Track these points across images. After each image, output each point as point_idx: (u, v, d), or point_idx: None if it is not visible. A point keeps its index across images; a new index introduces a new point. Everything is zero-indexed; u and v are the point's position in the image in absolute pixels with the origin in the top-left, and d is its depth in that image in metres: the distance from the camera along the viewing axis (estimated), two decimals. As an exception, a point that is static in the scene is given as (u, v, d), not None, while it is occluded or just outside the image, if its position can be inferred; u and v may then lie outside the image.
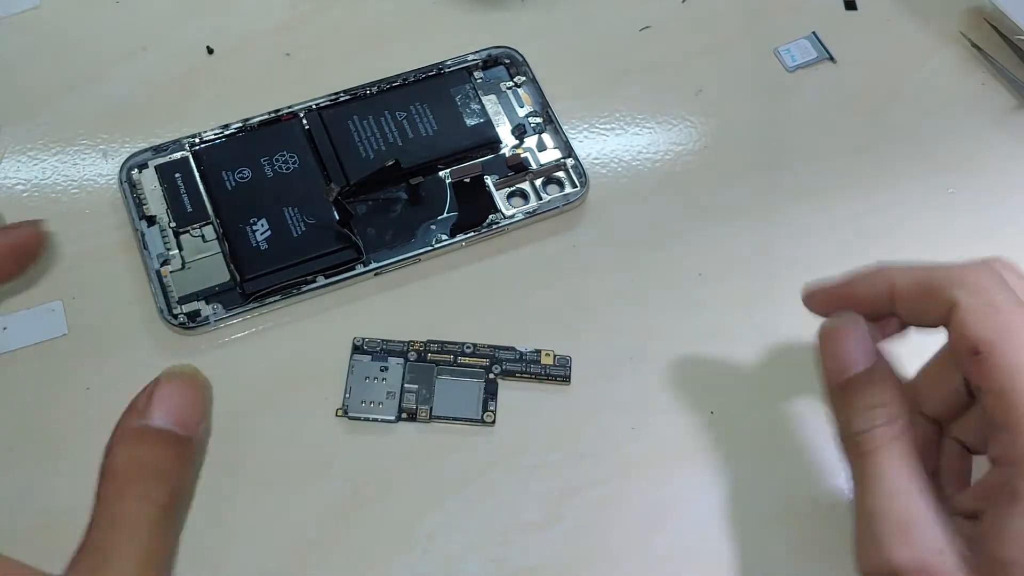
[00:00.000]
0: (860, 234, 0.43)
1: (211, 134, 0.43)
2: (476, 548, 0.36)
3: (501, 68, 0.46)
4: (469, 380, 0.39)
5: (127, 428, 0.28)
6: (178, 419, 0.28)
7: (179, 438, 0.28)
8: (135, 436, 0.27)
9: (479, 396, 0.38)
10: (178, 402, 0.28)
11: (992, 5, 0.48)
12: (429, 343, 0.39)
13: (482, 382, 0.39)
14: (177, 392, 0.28)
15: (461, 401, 0.38)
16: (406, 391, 0.38)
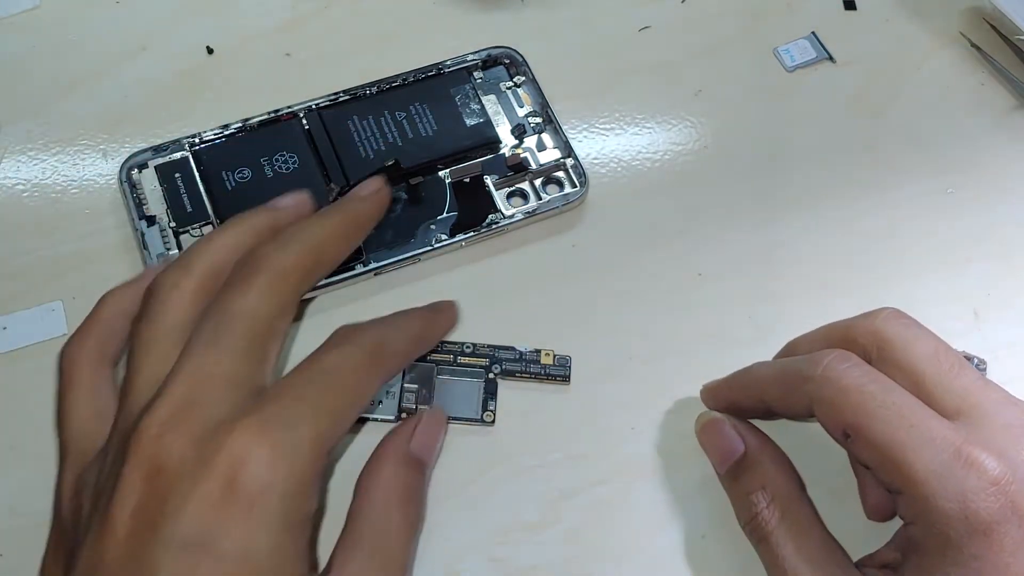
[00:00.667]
0: (859, 234, 0.43)
1: (211, 134, 0.43)
2: (476, 548, 0.36)
3: (501, 68, 0.46)
4: (469, 380, 0.39)
5: (396, 448, 0.33)
6: (427, 450, 0.34)
7: (425, 464, 0.34)
8: (401, 458, 0.33)
9: (479, 396, 0.38)
10: (431, 438, 0.35)
11: (991, 5, 0.48)
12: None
13: (482, 382, 0.39)
14: (433, 426, 0.35)
15: (461, 401, 0.38)
16: (406, 390, 0.38)
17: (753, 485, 0.33)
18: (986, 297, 0.42)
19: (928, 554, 0.29)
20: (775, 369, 0.34)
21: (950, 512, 0.28)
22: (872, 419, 0.30)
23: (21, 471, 0.37)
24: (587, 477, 0.37)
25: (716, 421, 0.35)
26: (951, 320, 0.41)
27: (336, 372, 0.30)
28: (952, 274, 0.43)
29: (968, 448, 0.29)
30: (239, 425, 0.27)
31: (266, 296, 0.30)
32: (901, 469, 0.29)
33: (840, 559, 0.31)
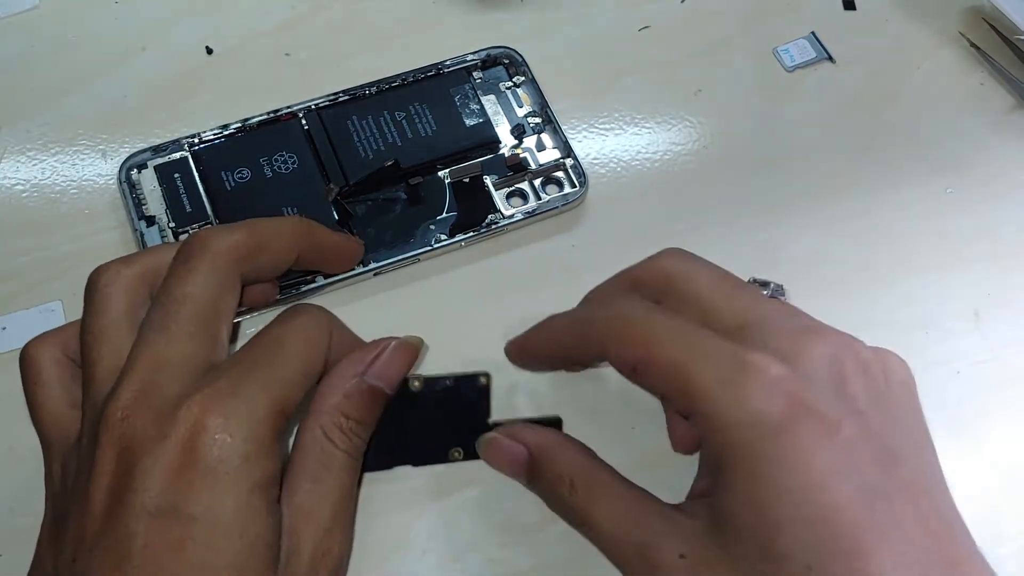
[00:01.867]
0: (859, 234, 0.43)
1: (210, 134, 0.43)
2: (475, 548, 0.36)
3: (500, 68, 0.46)
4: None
5: (344, 376, 0.33)
6: (389, 379, 0.33)
7: (383, 394, 0.33)
8: (350, 389, 0.32)
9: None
10: (397, 367, 0.34)
11: (991, 5, 0.48)
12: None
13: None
14: (400, 358, 0.34)
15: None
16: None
17: (551, 477, 0.33)
18: (986, 297, 0.42)
19: (729, 469, 0.28)
20: (568, 318, 0.34)
21: (738, 419, 0.28)
22: (656, 347, 0.30)
23: (21, 471, 0.37)
24: (587, 477, 0.37)
25: (490, 440, 0.34)
26: (951, 320, 0.41)
27: (283, 340, 0.31)
28: (952, 274, 0.43)
29: (745, 354, 0.28)
30: (193, 399, 0.29)
31: (207, 278, 0.31)
32: (687, 388, 0.29)
33: (654, 506, 0.31)
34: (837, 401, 0.29)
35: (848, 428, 0.28)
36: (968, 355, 0.41)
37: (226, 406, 0.29)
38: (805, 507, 0.27)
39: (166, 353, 0.30)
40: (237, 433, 0.28)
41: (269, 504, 0.29)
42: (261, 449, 0.29)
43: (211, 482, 0.28)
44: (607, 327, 0.32)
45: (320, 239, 0.37)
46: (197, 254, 0.32)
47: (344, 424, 0.32)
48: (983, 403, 0.40)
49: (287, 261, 0.35)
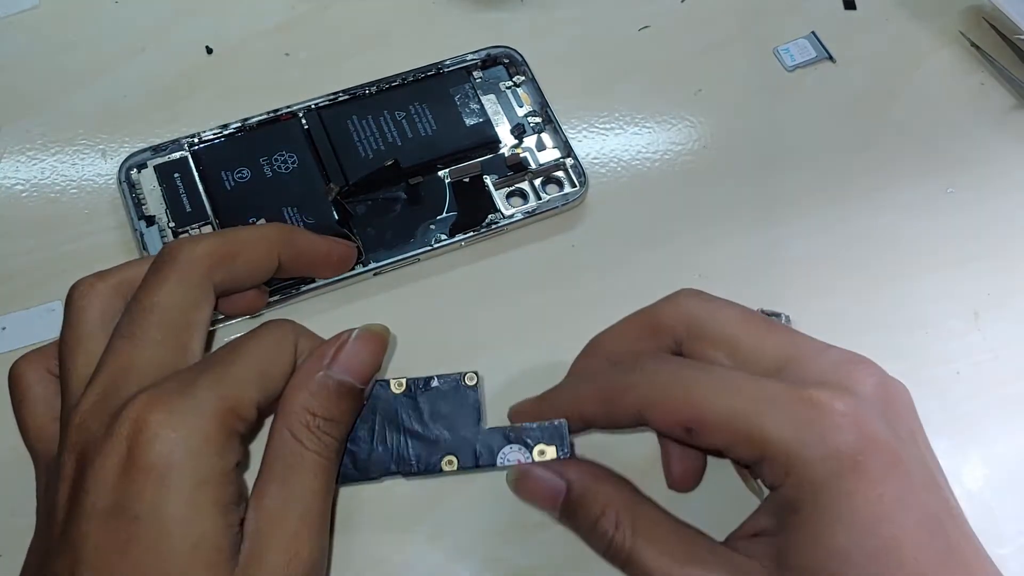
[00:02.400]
0: (859, 234, 0.43)
1: (210, 134, 0.43)
2: (476, 548, 0.36)
3: (500, 68, 0.46)
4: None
5: (308, 373, 0.31)
6: (357, 372, 0.32)
7: (353, 389, 0.32)
8: (314, 386, 0.31)
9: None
10: (363, 358, 0.32)
11: (991, 5, 0.48)
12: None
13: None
14: (364, 348, 0.32)
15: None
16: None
17: (593, 513, 0.31)
18: (986, 297, 0.42)
19: (804, 507, 0.28)
20: (591, 388, 0.33)
21: (814, 458, 0.28)
22: (707, 404, 0.30)
23: (21, 471, 0.37)
24: (587, 477, 0.37)
25: (525, 473, 0.33)
26: (951, 320, 0.41)
27: (239, 344, 0.31)
28: (952, 274, 0.43)
29: (808, 393, 0.29)
30: (139, 397, 0.28)
31: (176, 287, 0.31)
32: (754, 437, 0.29)
33: (704, 543, 0.31)
34: (890, 429, 0.29)
35: (906, 457, 0.29)
36: (968, 355, 0.41)
37: (170, 403, 0.28)
38: (872, 538, 0.27)
39: (130, 359, 0.30)
40: (180, 429, 0.28)
41: (218, 503, 0.28)
42: (208, 446, 0.28)
43: (154, 479, 0.27)
44: (646, 393, 0.31)
45: (302, 246, 0.36)
46: (168, 263, 0.31)
47: (311, 422, 0.31)
48: (983, 403, 0.40)
49: (266, 269, 0.35)
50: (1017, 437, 0.39)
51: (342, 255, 0.39)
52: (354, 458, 0.33)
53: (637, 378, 0.31)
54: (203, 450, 0.28)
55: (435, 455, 0.33)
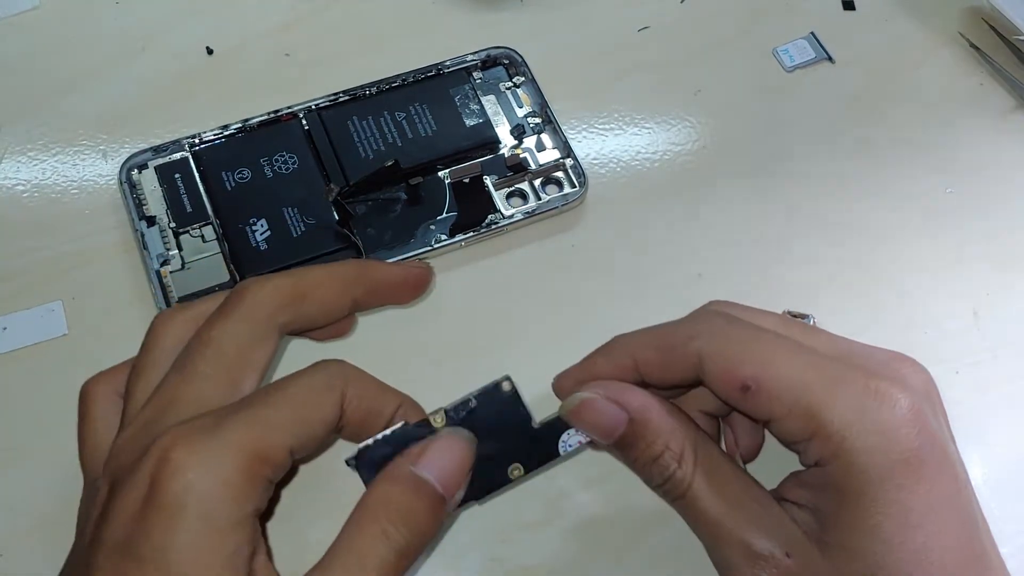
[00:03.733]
0: (859, 234, 0.43)
1: (211, 135, 0.43)
2: (476, 547, 0.36)
3: (500, 68, 0.46)
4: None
5: (394, 470, 0.29)
6: (441, 477, 0.29)
7: (436, 493, 0.29)
8: (396, 478, 0.29)
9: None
10: (447, 462, 0.30)
11: (990, 5, 0.48)
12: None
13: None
14: (449, 451, 0.30)
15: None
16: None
17: (655, 448, 0.30)
18: (986, 297, 0.42)
19: (851, 492, 0.28)
20: (649, 333, 0.32)
21: (871, 447, 0.28)
22: (773, 368, 0.29)
23: (21, 471, 0.37)
24: (587, 476, 0.37)
25: (587, 401, 0.31)
26: (951, 320, 0.41)
27: (281, 386, 0.29)
28: (952, 274, 0.43)
29: (876, 383, 0.29)
30: (167, 433, 0.27)
31: (236, 325, 0.30)
32: (812, 412, 0.29)
33: (758, 494, 0.31)
34: (940, 428, 0.29)
35: (952, 457, 0.29)
36: (967, 355, 0.41)
37: (193, 441, 0.27)
38: (918, 534, 0.28)
39: (177, 392, 0.29)
40: (197, 469, 0.26)
41: (224, 552, 0.27)
42: (224, 490, 0.27)
43: (164, 520, 0.26)
44: (708, 342, 0.30)
45: (378, 281, 0.34)
46: (234, 301, 0.31)
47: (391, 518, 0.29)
48: (982, 402, 0.40)
49: (339, 307, 0.33)
50: (1016, 437, 0.39)
51: (418, 279, 0.36)
52: None
53: (702, 327, 0.31)
54: (219, 494, 0.27)
55: (500, 469, 0.32)
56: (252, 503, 0.27)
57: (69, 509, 0.36)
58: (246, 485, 0.27)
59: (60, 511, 0.36)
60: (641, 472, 0.31)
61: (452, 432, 0.30)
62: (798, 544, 0.29)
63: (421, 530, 0.28)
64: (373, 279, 0.34)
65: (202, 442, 0.27)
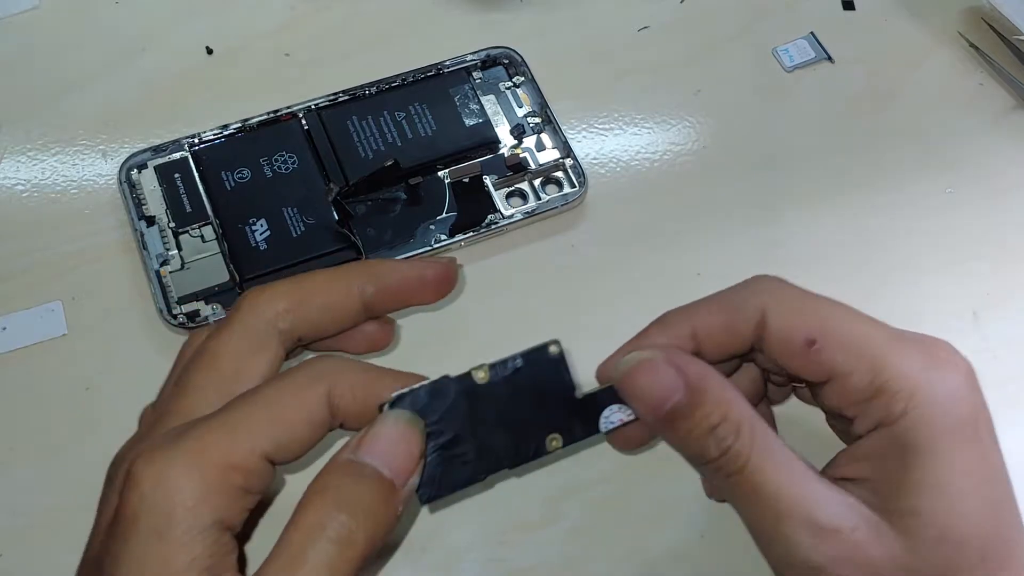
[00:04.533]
0: (858, 234, 0.43)
1: (210, 134, 0.43)
2: (476, 547, 0.36)
3: (500, 68, 0.46)
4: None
5: (333, 459, 0.27)
6: (385, 459, 0.27)
7: (380, 476, 0.27)
8: (333, 467, 0.27)
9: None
10: (389, 445, 0.28)
11: (990, 5, 0.48)
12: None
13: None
14: (391, 433, 0.28)
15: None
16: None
17: (713, 418, 0.29)
18: (986, 297, 0.42)
19: (919, 449, 0.28)
20: (706, 299, 0.32)
21: (941, 402, 0.28)
22: (839, 321, 0.29)
23: (21, 471, 0.37)
24: (587, 476, 0.38)
25: (646, 362, 0.30)
26: (951, 320, 0.41)
27: (260, 389, 0.28)
28: (952, 274, 0.43)
29: (934, 349, 0.29)
30: (140, 447, 0.27)
31: (231, 335, 0.30)
32: (879, 364, 0.29)
33: (813, 471, 0.30)
34: (986, 404, 0.30)
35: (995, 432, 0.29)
36: (967, 355, 0.41)
37: (153, 454, 0.26)
38: (986, 495, 0.28)
39: (170, 405, 0.29)
40: (152, 482, 0.26)
41: (181, 568, 0.25)
42: (180, 502, 0.26)
43: (121, 534, 0.26)
44: (771, 299, 0.30)
45: (389, 278, 0.32)
46: (233, 311, 0.30)
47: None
48: (982, 403, 0.40)
49: (348, 311, 0.32)
50: (1016, 437, 0.39)
51: (440, 275, 0.33)
52: (457, 463, 0.29)
53: (763, 286, 0.31)
54: (171, 505, 0.25)
55: (538, 438, 0.30)
56: (214, 513, 0.26)
57: (69, 509, 0.36)
58: (207, 495, 0.26)
59: (60, 511, 0.36)
60: (693, 446, 0.29)
61: (394, 415, 0.28)
62: (862, 517, 0.28)
63: (368, 516, 0.26)
64: (382, 278, 0.32)
65: (161, 453, 0.26)
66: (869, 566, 0.27)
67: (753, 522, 0.29)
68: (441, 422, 0.29)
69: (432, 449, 0.29)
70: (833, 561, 0.28)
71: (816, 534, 0.28)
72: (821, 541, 0.28)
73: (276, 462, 0.27)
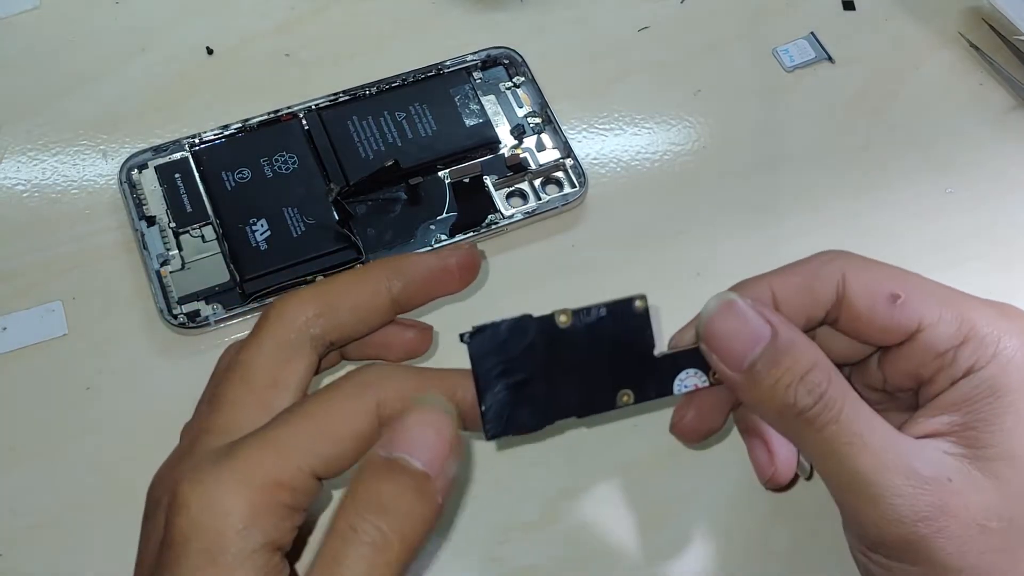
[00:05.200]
0: (859, 234, 0.43)
1: (211, 134, 0.43)
2: (475, 547, 0.36)
3: (500, 68, 0.46)
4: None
5: (368, 458, 0.27)
6: (417, 452, 0.26)
7: (415, 471, 0.26)
8: (363, 467, 0.26)
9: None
10: (420, 436, 0.27)
11: (990, 5, 0.48)
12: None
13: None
14: (421, 422, 0.27)
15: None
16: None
17: (803, 363, 0.28)
18: (984, 296, 0.42)
19: (1011, 390, 0.29)
20: (783, 267, 0.32)
21: (1022, 348, 0.29)
22: (916, 279, 0.31)
23: (21, 471, 0.37)
24: (587, 476, 0.37)
25: (731, 304, 0.29)
26: (950, 320, 0.41)
27: (305, 403, 0.28)
28: (952, 274, 0.42)
29: (1003, 304, 0.31)
30: (182, 468, 0.27)
31: (262, 345, 0.29)
32: (965, 314, 0.30)
33: (896, 430, 0.29)
34: None
35: None
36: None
37: (199, 476, 0.26)
38: None
39: (207, 422, 0.28)
40: (200, 504, 0.25)
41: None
42: (229, 524, 0.25)
43: (173, 558, 0.25)
44: (849, 262, 0.31)
45: (413, 272, 0.32)
46: (261, 321, 0.30)
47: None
48: (982, 403, 0.40)
49: (375, 309, 0.31)
50: (1016, 437, 0.39)
51: (464, 262, 0.32)
52: (526, 403, 0.29)
53: (837, 255, 0.31)
54: (221, 527, 0.25)
55: (610, 390, 0.29)
56: (264, 535, 0.25)
57: (69, 509, 0.36)
58: (256, 517, 0.25)
59: (60, 511, 0.36)
60: (782, 396, 0.28)
61: (424, 403, 0.27)
62: (954, 468, 0.28)
63: (402, 515, 0.25)
64: (406, 272, 0.31)
65: (207, 474, 0.26)
66: (967, 515, 0.27)
67: (848, 477, 0.28)
68: (517, 360, 0.29)
69: (504, 387, 0.28)
70: (936, 510, 0.27)
71: (918, 484, 0.27)
72: (923, 491, 0.27)
73: (323, 477, 0.27)
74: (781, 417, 0.29)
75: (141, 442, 0.31)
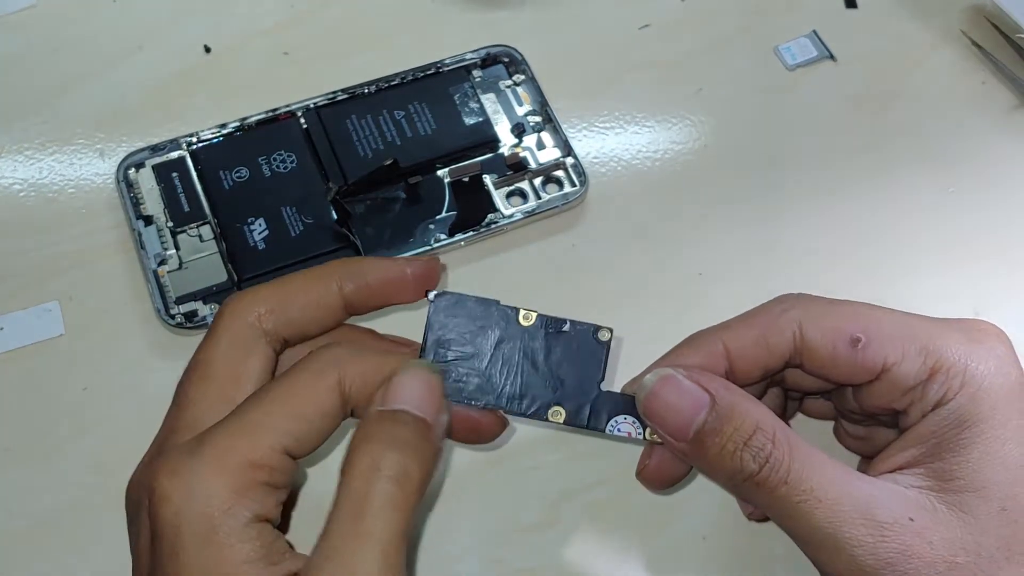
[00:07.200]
0: (860, 233, 0.43)
1: (208, 133, 0.43)
2: (475, 549, 0.36)
3: (500, 67, 0.46)
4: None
5: (368, 414, 0.28)
6: (413, 402, 0.28)
7: (415, 417, 0.28)
8: (367, 420, 0.28)
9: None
10: (413, 390, 0.28)
11: (993, 4, 0.48)
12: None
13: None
14: (412, 379, 0.28)
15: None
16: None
17: (745, 429, 0.28)
18: (986, 297, 0.42)
19: (979, 420, 0.29)
20: (735, 318, 0.31)
21: (992, 374, 0.29)
22: (877, 318, 0.30)
23: (18, 472, 0.37)
24: (587, 477, 0.37)
25: (667, 379, 0.29)
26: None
27: (271, 386, 0.28)
28: (952, 273, 0.42)
29: (970, 331, 0.30)
30: (155, 462, 0.27)
31: (219, 342, 0.30)
32: (930, 348, 0.30)
33: (850, 470, 0.29)
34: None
35: None
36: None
37: (174, 466, 0.26)
38: None
39: (175, 421, 0.29)
40: (181, 491, 0.26)
41: (240, 563, 0.26)
42: (215, 507, 0.26)
43: (169, 550, 0.26)
44: (805, 310, 0.30)
45: (370, 275, 0.32)
46: (217, 318, 0.30)
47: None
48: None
49: (328, 309, 0.31)
50: (1019, 437, 0.39)
51: (420, 273, 0.32)
52: (466, 379, 0.30)
53: (792, 301, 0.31)
54: (209, 511, 0.26)
55: (544, 402, 0.30)
56: (249, 511, 0.26)
57: (68, 509, 0.36)
58: (238, 495, 0.26)
59: (59, 511, 0.36)
60: (729, 463, 0.28)
61: (412, 364, 0.29)
62: (917, 505, 0.28)
63: (415, 452, 0.27)
64: (360, 275, 0.32)
65: (182, 465, 0.26)
66: (932, 554, 0.27)
67: (807, 533, 0.28)
68: (469, 334, 0.30)
69: (448, 348, 0.30)
70: (899, 555, 0.27)
71: (877, 530, 0.27)
72: (884, 538, 0.27)
73: (296, 455, 0.28)
74: (732, 482, 0.29)
75: (138, 442, 0.30)
